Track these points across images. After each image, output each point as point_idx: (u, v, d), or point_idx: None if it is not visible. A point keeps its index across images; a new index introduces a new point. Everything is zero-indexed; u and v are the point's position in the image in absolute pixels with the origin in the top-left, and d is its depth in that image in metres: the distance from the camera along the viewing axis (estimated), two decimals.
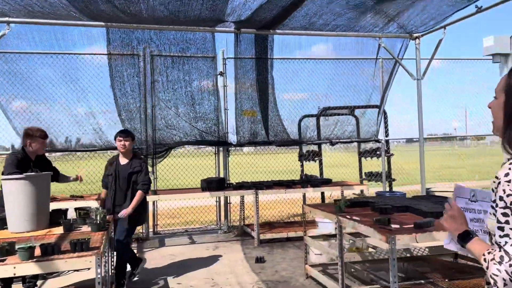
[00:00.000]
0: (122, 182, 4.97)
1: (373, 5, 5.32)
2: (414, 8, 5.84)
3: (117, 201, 4.97)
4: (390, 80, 7.82)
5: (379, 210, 4.14)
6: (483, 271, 3.56)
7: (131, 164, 5.01)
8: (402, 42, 7.10)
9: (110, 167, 5.07)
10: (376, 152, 9.80)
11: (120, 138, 5.00)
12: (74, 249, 2.85)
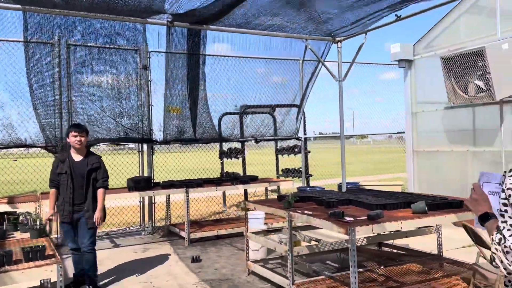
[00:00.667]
0: (80, 180, 4.57)
1: (307, 8, 5.53)
2: (341, 15, 6.19)
3: (76, 200, 4.58)
4: (311, 80, 8.19)
5: (325, 204, 4.33)
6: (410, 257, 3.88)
7: (88, 160, 4.64)
8: (325, 45, 7.48)
9: (62, 165, 4.60)
10: (294, 150, 10.22)
11: (75, 133, 4.58)
12: (28, 259, 2.52)
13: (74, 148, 4.64)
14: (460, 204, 4.08)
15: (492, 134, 7.47)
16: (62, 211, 4.59)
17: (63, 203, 4.57)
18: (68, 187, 4.54)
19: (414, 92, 9.05)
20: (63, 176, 4.55)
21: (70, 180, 4.54)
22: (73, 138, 4.57)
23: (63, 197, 4.56)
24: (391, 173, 18.44)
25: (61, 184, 4.57)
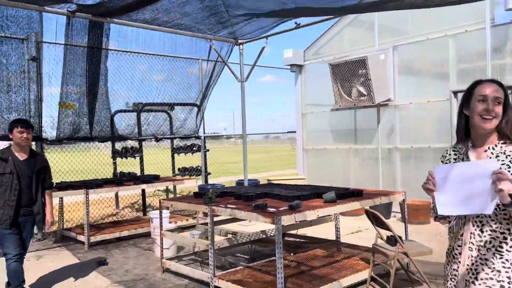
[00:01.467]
0: (28, 181, 4.08)
1: (220, 12, 5.70)
2: (246, 20, 6.49)
3: (23, 203, 4.09)
4: (213, 80, 8.38)
5: (244, 198, 4.57)
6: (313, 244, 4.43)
7: (36, 160, 4.18)
8: (228, 47, 7.73)
9: (5, 164, 4.03)
10: (192, 148, 10.29)
11: (22, 129, 4.05)
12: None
13: (18, 146, 4.12)
14: (361, 193, 4.67)
15: (371, 134, 8.54)
16: (1, 216, 4.04)
17: (2, 207, 4.02)
18: (12, 189, 4.04)
19: (304, 95, 9.85)
20: (6, 176, 4.03)
21: (16, 181, 4.04)
22: (18, 134, 4.06)
23: (4, 200, 4.02)
24: (276, 170, 19.55)
25: (2, 185, 4.04)
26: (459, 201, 1.78)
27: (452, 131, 7.32)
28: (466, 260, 1.86)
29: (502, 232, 1.79)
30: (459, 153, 1.99)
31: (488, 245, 1.81)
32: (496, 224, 1.80)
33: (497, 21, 6.77)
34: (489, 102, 1.85)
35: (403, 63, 8.00)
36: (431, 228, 7.05)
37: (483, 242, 1.82)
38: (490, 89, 1.86)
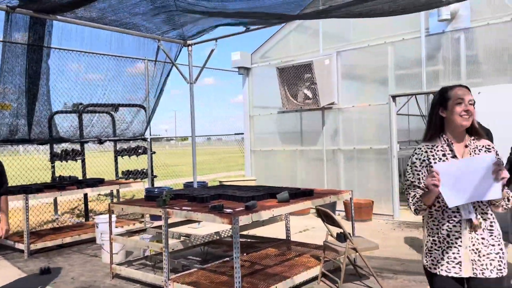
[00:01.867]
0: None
1: (170, 12, 5.65)
2: (195, 22, 6.50)
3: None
4: (160, 81, 8.26)
5: (199, 200, 4.57)
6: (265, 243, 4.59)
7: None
8: (177, 48, 7.66)
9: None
10: (138, 151, 10.04)
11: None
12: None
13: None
14: (311, 193, 4.84)
15: (316, 136, 8.84)
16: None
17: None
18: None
19: (251, 97, 9.97)
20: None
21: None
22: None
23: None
24: (221, 172, 19.54)
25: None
26: (465, 192, 2.07)
27: (392, 133, 7.78)
28: (468, 242, 2.15)
29: (490, 213, 2.19)
30: (435, 149, 2.27)
31: (482, 226, 2.15)
32: (486, 208, 2.18)
33: (431, 30, 7.30)
34: (466, 104, 2.17)
35: (346, 68, 8.37)
36: (373, 225, 7.44)
37: (482, 228, 2.15)
38: (465, 93, 2.20)
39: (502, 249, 2.17)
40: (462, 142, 2.25)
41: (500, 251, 2.16)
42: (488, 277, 2.12)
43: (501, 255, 2.16)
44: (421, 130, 13.08)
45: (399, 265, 5.16)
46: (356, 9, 4.46)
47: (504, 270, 2.15)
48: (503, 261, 2.16)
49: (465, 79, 7.01)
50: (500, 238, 2.19)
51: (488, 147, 2.25)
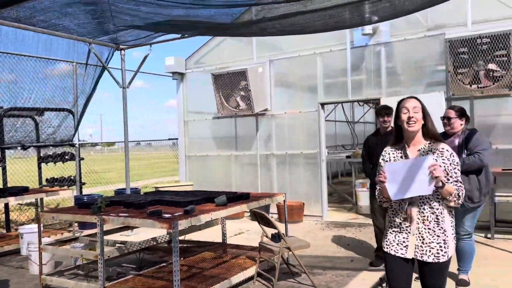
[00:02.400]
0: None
1: (104, 17, 5.56)
2: (130, 26, 6.44)
3: None
4: (91, 85, 8.03)
5: (135, 206, 4.55)
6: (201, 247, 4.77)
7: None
8: (109, 51, 7.51)
9: None
10: (65, 157, 9.62)
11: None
12: None
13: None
14: (248, 196, 5.03)
15: (250, 141, 9.09)
16: None
17: None
18: None
19: (186, 102, 10.00)
20: None
21: None
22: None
23: None
24: (151, 178, 19.16)
25: None
26: (406, 188, 2.47)
27: (321, 138, 8.24)
28: (415, 230, 2.59)
29: (438, 208, 2.56)
30: (397, 151, 2.70)
31: (429, 218, 2.56)
32: (434, 203, 2.56)
33: (356, 43, 7.87)
34: (410, 112, 2.56)
35: (278, 76, 8.72)
36: (304, 226, 7.81)
37: (426, 216, 2.57)
38: (409, 103, 2.61)
39: (445, 240, 2.54)
40: (417, 145, 2.63)
41: (442, 242, 2.54)
42: (425, 261, 2.56)
43: (441, 245, 2.54)
44: (347, 136, 14.01)
45: (327, 262, 5.51)
46: (288, 27, 4.74)
47: (441, 257, 2.53)
48: (443, 250, 2.54)
49: (385, 88, 7.64)
50: (446, 231, 2.55)
51: (442, 150, 2.58)
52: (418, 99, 2.65)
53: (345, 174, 15.96)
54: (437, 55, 7.13)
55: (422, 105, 2.63)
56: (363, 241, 6.48)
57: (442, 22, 7.09)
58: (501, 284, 4.47)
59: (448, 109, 4.42)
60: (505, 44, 6.25)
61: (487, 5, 6.71)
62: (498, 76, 6.41)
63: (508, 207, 6.52)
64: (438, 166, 2.44)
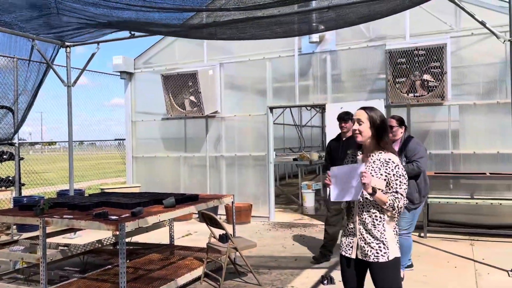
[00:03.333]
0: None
1: (50, 14, 5.40)
2: (76, 24, 6.29)
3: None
4: (35, 83, 7.73)
5: (80, 208, 4.48)
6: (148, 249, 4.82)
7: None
8: (54, 48, 7.26)
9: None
10: (3, 156, 9.17)
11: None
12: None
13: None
14: (196, 198, 5.09)
15: (200, 142, 9.12)
16: None
17: None
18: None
19: (134, 103, 9.84)
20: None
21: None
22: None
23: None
24: (94, 179, 18.56)
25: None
26: (342, 192, 2.66)
27: (269, 141, 8.44)
28: (357, 232, 2.77)
29: (374, 212, 2.71)
30: (353, 157, 2.89)
31: (367, 221, 2.73)
32: (372, 209, 2.72)
33: (303, 50, 8.15)
34: (355, 124, 2.74)
35: (228, 79, 8.83)
36: (252, 226, 7.97)
37: (365, 219, 2.73)
38: (355, 115, 2.77)
39: (383, 241, 2.70)
40: (368, 154, 2.77)
41: (381, 243, 2.70)
42: (367, 261, 2.74)
43: (380, 246, 2.70)
44: (294, 139, 14.37)
45: (273, 261, 5.69)
46: (239, 34, 4.86)
47: (381, 257, 2.69)
48: (382, 250, 2.69)
49: (331, 93, 7.98)
50: (384, 233, 2.70)
51: (388, 161, 2.69)
52: (366, 110, 2.74)
53: (292, 176, 16.37)
54: (378, 65, 7.56)
55: (369, 117, 2.71)
56: (308, 241, 6.73)
57: (383, 34, 7.54)
58: (431, 279, 4.86)
59: (390, 118, 4.82)
60: (439, 56, 6.76)
61: (424, 19, 7.22)
62: (432, 86, 6.91)
63: (440, 208, 7.06)
64: (367, 174, 2.57)
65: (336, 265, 5.41)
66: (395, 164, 2.70)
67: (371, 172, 2.69)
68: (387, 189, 2.68)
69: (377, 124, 2.71)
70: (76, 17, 5.26)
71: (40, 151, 48.36)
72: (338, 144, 5.49)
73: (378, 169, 2.70)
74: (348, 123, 5.33)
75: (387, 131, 2.77)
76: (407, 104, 7.21)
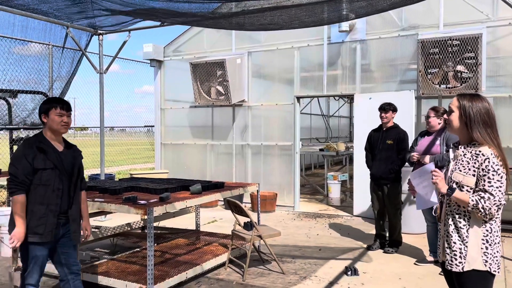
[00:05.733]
0: (68, 178, 3.25)
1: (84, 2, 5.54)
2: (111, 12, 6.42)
3: (63, 207, 3.23)
4: (70, 70, 7.95)
5: (111, 192, 4.62)
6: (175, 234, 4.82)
7: (73, 152, 3.35)
8: (87, 36, 7.45)
9: (44, 156, 3.12)
10: None
11: (62, 111, 3.19)
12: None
13: (54, 133, 3.22)
14: (222, 185, 5.17)
15: (227, 131, 9.20)
16: (44, 227, 3.11)
17: (45, 214, 3.12)
18: (55, 189, 3.16)
19: (163, 90, 10.00)
20: (47, 173, 3.12)
21: (59, 179, 3.17)
22: (57, 117, 3.17)
23: (46, 205, 3.12)
24: (123, 164, 19.02)
25: (41, 184, 3.11)
26: (426, 197, 2.48)
27: (296, 131, 8.42)
28: (443, 233, 2.48)
29: (458, 214, 2.38)
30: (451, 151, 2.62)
31: (450, 224, 2.41)
32: (456, 210, 2.40)
33: (333, 39, 8.05)
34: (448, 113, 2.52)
35: (256, 68, 8.83)
36: (276, 215, 8.02)
37: (449, 222, 2.42)
38: (451, 102, 2.50)
39: (462, 249, 2.38)
40: (461, 146, 2.50)
41: (458, 250, 2.39)
42: (445, 266, 2.48)
43: (456, 253, 2.40)
44: (321, 129, 14.30)
45: (297, 250, 5.73)
46: (267, 24, 4.84)
47: (455, 266, 2.39)
48: (457, 259, 2.38)
49: (359, 84, 7.87)
50: (465, 239, 2.37)
51: (477, 153, 2.36)
52: (460, 98, 2.44)
53: (318, 166, 16.30)
54: (409, 55, 7.40)
55: (460, 105, 2.42)
56: (332, 232, 6.73)
57: (416, 23, 7.35)
58: None
59: (429, 109, 4.91)
60: (473, 47, 6.55)
61: (459, 8, 7.00)
62: (466, 78, 6.71)
63: None
64: (437, 173, 2.37)
65: (361, 257, 5.40)
66: (485, 157, 2.31)
67: (459, 167, 2.39)
68: (476, 187, 2.33)
69: (469, 114, 2.37)
70: (108, 5, 5.37)
71: (73, 136, 49.88)
72: (378, 134, 5.67)
73: (467, 163, 2.36)
74: (388, 113, 5.50)
75: (484, 123, 2.37)
76: (439, 95, 7.04)
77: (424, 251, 5.48)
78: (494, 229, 2.36)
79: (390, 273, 4.79)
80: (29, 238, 3.08)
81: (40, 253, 3.15)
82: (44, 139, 3.18)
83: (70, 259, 3.31)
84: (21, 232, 3.05)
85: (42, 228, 3.10)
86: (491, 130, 2.37)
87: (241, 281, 4.56)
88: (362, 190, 7.58)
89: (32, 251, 3.12)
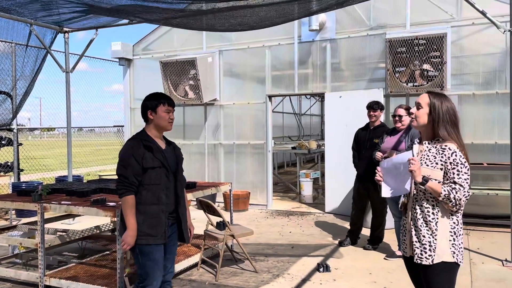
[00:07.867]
0: (173, 176, 3.12)
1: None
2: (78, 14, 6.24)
3: (171, 207, 3.09)
4: (34, 69, 7.69)
5: (78, 194, 4.50)
6: None
7: (173, 147, 3.23)
8: (52, 34, 7.22)
9: (151, 154, 2.98)
10: (1, 142, 9.19)
11: (169, 107, 3.08)
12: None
13: (159, 131, 3.09)
14: (194, 185, 5.11)
15: (199, 130, 9.13)
16: (158, 228, 2.96)
17: (157, 215, 2.96)
18: (164, 188, 3.01)
19: (133, 89, 9.82)
20: (155, 172, 2.97)
21: (166, 177, 3.03)
22: (163, 114, 3.04)
23: (158, 205, 2.98)
24: (92, 165, 18.61)
25: (152, 184, 2.97)
26: (395, 186, 2.50)
27: (268, 130, 8.44)
28: (410, 227, 2.50)
29: (427, 207, 2.43)
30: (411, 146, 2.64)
31: (419, 217, 2.45)
32: (425, 203, 2.44)
33: (303, 38, 8.11)
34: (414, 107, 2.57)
35: (227, 67, 8.79)
36: (249, 214, 8.02)
37: (417, 214, 2.46)
38: (419, 98, 2.56)
39: (431, 242, 2.42)
40: (425, 141, 2.55)
41: (427, 243, 2.43)
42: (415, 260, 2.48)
43: (426, 246, 2.43)
44: (293, 127, 14.37)
45: (270, 248, 5.74)
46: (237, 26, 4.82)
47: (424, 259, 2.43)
48: (427, 252, 2.42)
49: (330, 82, 7.96)
50: (434, 232, 2.41)
51: (444, 148, 2.42)
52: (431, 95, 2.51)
53: (290, 164, 16.42)
54: (378, 54, 7.53)
55: (430, 102, 2.48)
56: (305, 229, 6.78)
57: (384, 22, 7.49)
58: None
59: (397, 108, 5.00)
60: (439, 46, 6.73)
61: (425, 8, 7.17)
62: (432, 76, 6.89)
63: None
64: (415, 161, 2.36)
65: (333, 253, 5.46)
66: (452, 151, 2.38)
67: (425, 162, 2.42)
68: (445, 180, 2.38)
69: (438, 112, 2.44)
70: (74, 2, 5.21)
71: (39, 137, 48.26)
72: (365, 132, 5.63)
73: (433, 157, 2.42)
74: (377, 111, 5.49)
75: (452, 122, 2.45)
76: (406, 93, 7.20)
77: (392, 246, 5.59)
78: (459, 221, 2.45)
79: (361, 268, 4.87)
80: (145, 241, 2.93)
81: (159, 255, 3.00)
82: (149, 137, 3.06)
83: (168, 264, 3.16)
84: (133, 236, 2.90)
85: (156, 230, 2.96)
86: (457, 130, 2.46)
87: (214, 281, 4.53)
88: (334, 187, 7.68)
89: (150, 255, 2.95)
